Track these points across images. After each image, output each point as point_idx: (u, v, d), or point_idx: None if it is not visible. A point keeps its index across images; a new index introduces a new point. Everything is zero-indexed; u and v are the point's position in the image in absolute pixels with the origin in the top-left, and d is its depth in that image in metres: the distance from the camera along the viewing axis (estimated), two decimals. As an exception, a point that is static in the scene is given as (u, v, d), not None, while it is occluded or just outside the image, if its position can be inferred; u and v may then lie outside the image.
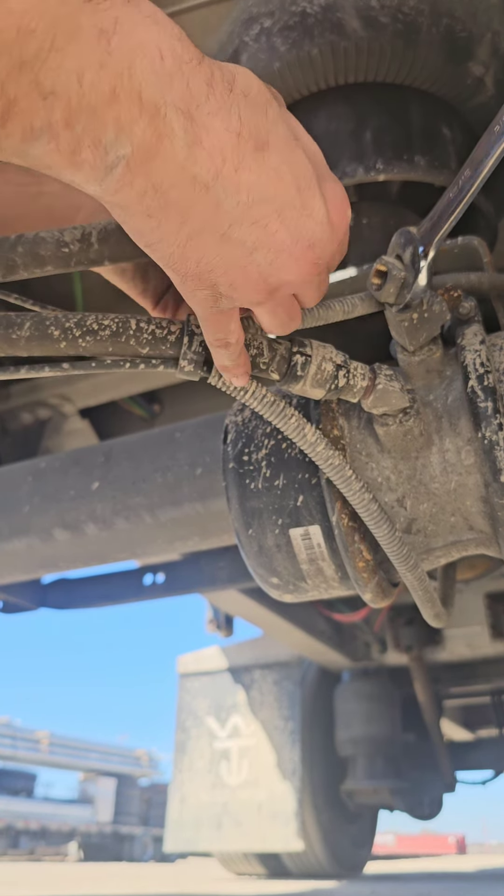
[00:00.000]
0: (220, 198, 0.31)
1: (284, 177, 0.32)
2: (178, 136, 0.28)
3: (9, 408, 1.43)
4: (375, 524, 0.50)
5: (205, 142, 0.29)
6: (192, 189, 0.30)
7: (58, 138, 0.26)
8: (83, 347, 0.39)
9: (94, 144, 0.27)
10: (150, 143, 0.28)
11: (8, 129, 0.26)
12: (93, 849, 14.28)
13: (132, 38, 0.26)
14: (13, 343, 0.39)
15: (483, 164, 0.48)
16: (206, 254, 0.32)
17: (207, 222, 0.31)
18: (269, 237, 0.33)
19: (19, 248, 0.37)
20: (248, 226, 0.32)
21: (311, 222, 0.34)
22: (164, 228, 0.31)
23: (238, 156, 0.30)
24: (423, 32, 0.69)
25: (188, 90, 0.28)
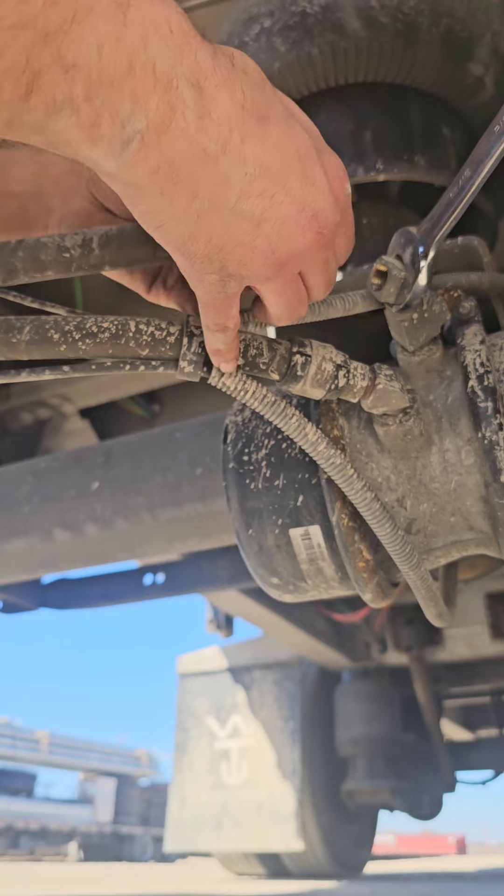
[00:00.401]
0: (228, 170, 0.31)
1: (286, 148, 0.33)
2: (190, 107, 0.29)
3: (9, 408, 1.43)
4: (378, 523, 0.50)
5: (213, 113, 0.30)
6: (203, 162, 0.30)
7: (78, 112, 0.27)
8: (83, 350, 0.39)
9: (112, 118, 0.27)
10: (163, 116, 0.28)
11: (31, 103, 0.26)
12: (93, 849, 14.29)
13: (145, 11, 0.27)
14: (13, 347, 0.39)
15: (483, 164, 0.48)
16: (216, 230, 0.33)
17: (217, 196, 0.32)
18: (275, 208, 0.33)
19: (20, 252, 0.38)
20: (255, 198, 0.33)
21: (313, 191, 0.34)
22: (176, 205, 0.31)
23: (243, 127, 0.31)
24: (423, 32, 0.69)
25: (196, 63, 0.29)
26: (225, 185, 0.32)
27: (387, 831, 19.57)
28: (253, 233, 0.34)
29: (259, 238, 0.34)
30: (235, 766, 2.57)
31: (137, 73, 0.27)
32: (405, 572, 0.53)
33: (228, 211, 0.32)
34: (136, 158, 0.29)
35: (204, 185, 0.31)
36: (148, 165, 0.30)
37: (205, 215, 0.32)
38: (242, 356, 0.42)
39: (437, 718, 2.66)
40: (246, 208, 0.33)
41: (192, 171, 0.31)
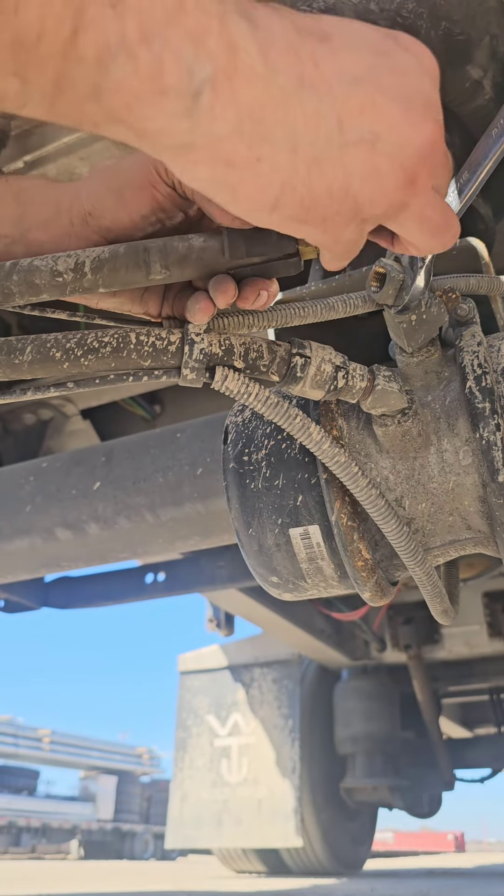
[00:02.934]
0: (315, 103, 0.27)
1: (361, 51, 0.29)
2: (249, 43, 0.25)
3: (11, 408, 1.43)
4: (383, 520, 0.50)
5: (275, 43, 0.26)
6: (285, 103, 0.26)
7: (136, 57, 0.23)
8: (86, 366, 0.39)
9: (176, 64, 0.23)
10: (226, 57, 0.25)
11: (80, 49, 0.22)
12: (94, 846, 14.32)
13: None
14: (16, 368, 0.39)
15: (481, 167, 0.49)
16: (334, 174, 0.28)
17: (317, 137, 0.27)
18: (381, 116, 0.29)
19: (14, 276, 0.37)
20: (356, 117, 0.28)
21: (411, 79, 0.30)
22: (279, 168, 0.27)
23: (310, 49, 0.27)
24: (421, 36, 0.69)
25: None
26: (319, 120, 0.27)
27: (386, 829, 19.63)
28: (372, 157, 0.29)
29: (380, 159, 0.29)
30: (236, 763, 2.58)
31: (189, 9, 0.23)
32: (411, 568, 0.53)
33: (337, 147, 0.28)
34: (213, 114, 0.25)
35: (298, 130, 0.27)
36: (228, 122, 0.25)
37: (314, 165, 0.28)
38: (243, 359, 0.43)
39: (435, 716, 2.67)
40: (353, 134, 0.28)
41: (277, 118, 0.26)
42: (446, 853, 13.59)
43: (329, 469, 0.53)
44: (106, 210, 0.39)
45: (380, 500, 0.50)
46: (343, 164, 0.29)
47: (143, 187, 0.38)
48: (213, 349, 0.41)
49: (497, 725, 3.10)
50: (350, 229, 0.31)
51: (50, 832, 15.33)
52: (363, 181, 0.30)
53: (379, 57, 0.30)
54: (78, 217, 0.40)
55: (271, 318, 0.46)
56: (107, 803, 19.72)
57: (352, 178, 0.29)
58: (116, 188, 0.39)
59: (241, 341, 0.43)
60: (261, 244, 0.37)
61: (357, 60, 0.29)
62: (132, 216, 0.39)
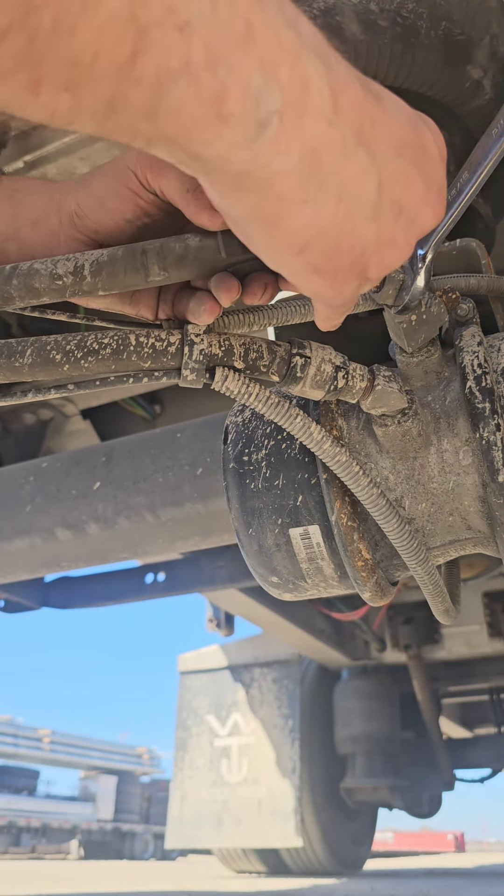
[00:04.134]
0: (365, 160, 0.27)
1: (404, 124, 0.29)
2: (323, 83, 0.25)
3: (11, 408, 1.43)
4: (384, 519, 0.50)
5: (346, 91, 0.26)
6: (343, 153, 0.26)
7: (199, 82, 0.22)
8: (86, 368, 0.39)
9: (242, 91, 0.22)
10: (298, 93, 0.24)
11: (138, 71, 0.21)
12: (94, 846, 14.32)
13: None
14: (17, 371, 0.39)
15: (481, 167, 0.49)
16: (362, 233, 0.29)
17: (360, 193, 0.28)
18: (410, 191, 0.30)
19: (14, 280, 0.38)
20: (392, 185, 0.29)
21: (432, 163, 0.31)
22: (322, 213, 0.27)
23: (369, 107, 0.27)
24: (421, 36, 0.69)
25: (314, 33, 0.25)
26: (365, 177, 0.27)
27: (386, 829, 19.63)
28: (393, 226, 0.30)
29: (400, 231, 0.30)
30: (235, 763, 2.58)
31: (259, 38, 0.22)
32: (413, 568, 0.53)
33: (372, 207, 0.28)
34: (277, 147, 0.24)
35: (347, 181, 0.27)
36: (291, 158, 0.24)
37: (348, 220, 0.28)
38: (243, 359, 0.43)
39: (435, 716, 2.67)
40: (387, 200, 0.29)
41: (334, 165, 0.26)
42: (446, 853, 13.60)
43: (329, 469, 0.53)
44: (91, 213, 0.39)
45: (381, 499, 0.50)
46: (370, 226, 0.29)
47: (124, 196, 0.38)
48: (212, 350, 0.41)
49: (497, 725, 3.10)
50: (352, 286, 0.32)
51: (50, 832, 15.34)
52: (381, 246, 0.30)
53: (414, 132, 0.30)
54: (66, 217, 0.40)
55: (272, 315, 0.46)
56: (107, 803, 19.73)
57: (370, 243, 0.30)
58: (99, 195, 0.39)
59: (240, 342, 0.43)
60: None
61: (401, 130, 0.29)
62: (116, 220, 0.39)
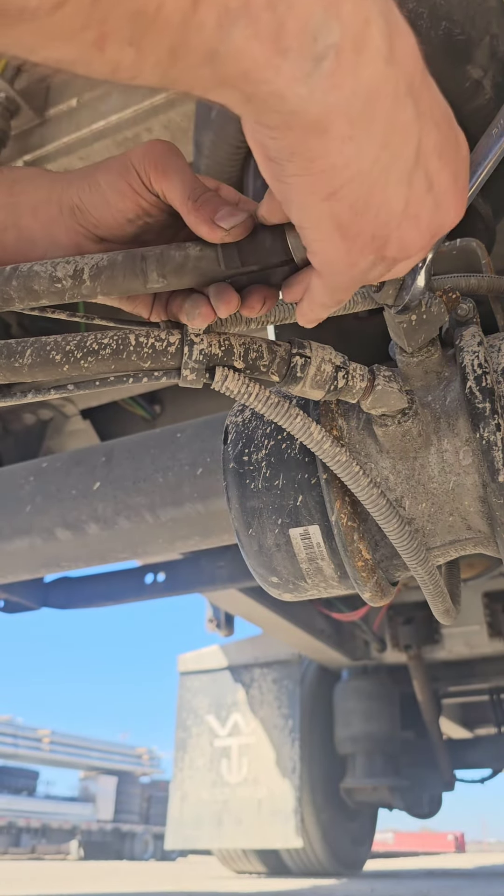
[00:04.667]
0: (412, 116, 0.26)
1: (442, 105, 0.29)
2: (382, 23, 0.24)
3: (11, 408, 1.43)
4: (385, 519, 0.50)
5: (403, 37, 0.25)
6: (395, 101, 0.25)
7: (258, 21, 0.22)
8: (86, 368, 0.39)
9: (300, 26, 0.22)
10: (358, 29, 0.24)
11: (200, 16, 0.21)
12: (93, 847, 14.32)
13: None
14: (16, 371, 0.39)
15: (481, 167, 0.49)
16: (393, 192, 0.28)
17: (402, 148, 0.27)
18: (441, 171, 0.29)
19: (14, 282, 0.38)
20: (429, 154, 0.28)
21: (462, 157, 0.30)
22: (364, 156, 0.26)
23: (421, 68, 0.26)
24: (421, 35, 0.69)
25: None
26: (410, 133, 0.26)
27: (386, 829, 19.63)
28: (422, 200, 0.29)
29: (425, 209, 0.29)
30: (235, 763, 2.58)
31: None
32: (413, 568, 0.53)
33: (409, 169, 0.27)
34: (332, 81, 0.24)
35: (394, 128, 0.26)
36: (343, 93, 0.24)
37: (386, 172, 0.27)
38: (243, 359, 0.43)
39: (435, 717, 2.67)
40: (422, 167, 0.28)
41: (384, 109, 0.25)
42: (446, 854, 13.60)
43: (329, 469, 0.53)
44: (92, 208, 0.39)
45: (381, 499, 0.50)
46: (405, 190, 0.28)
47: (126, 193, 0.38)
48: (212, 350, 0.41)
49: (497, 726, 3.10)
50: (367, 262, 0.31)
51: (50, 833, 15.33)
52: (405, 219, 0.29)
53: (447, 121, 0.30)
54: (67, 209, 0.40)
55: (271, 314, 0.46)
56: (107, 804, 19.72)
57: (396, 212, 0.29)
58: (102, 190, 0.38)
59: (240, 341, 0.43)
60: (254, 253, 0.37)
61: (442, 104, 0.29)
62: (117, 218, 0.39)
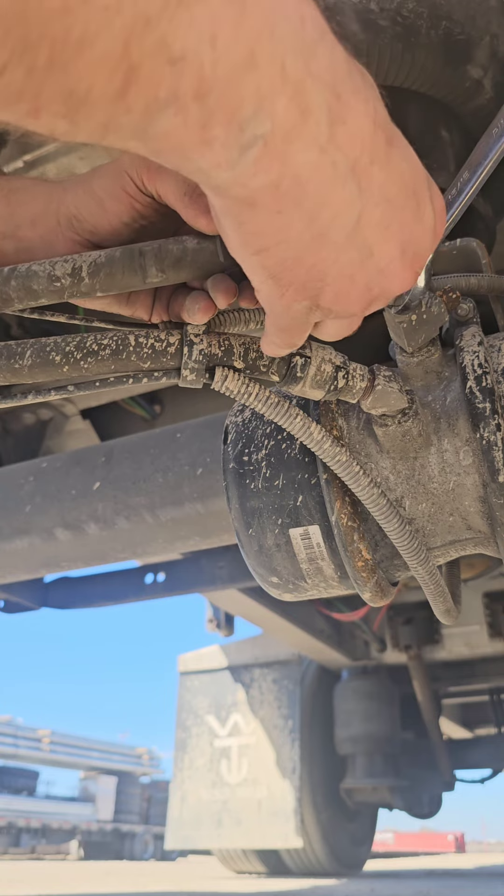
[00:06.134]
0: (352, 192, 0.27)
1: (406, 178, 0.30)
2: (323, 114, 0.25)
3: (11, 408, 1.43)
4: (385, 519, 0.50)
5: (349, 123, 0.26)
6: (331, 180, 0.26)
7: (186, 111, 0.22)
8: (86, 369, 0.39)
9: (227, 120, 0.23)
10: (292, 121, 0.24)
11: (128, 102, 0.22)
12: (93, 847, 14.32)
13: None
14: (16, 372, 0.39)
15: (481, 167, 0.49)
16: (325, 258, 0.29)
17: (336, 221, 0.28)
18: (386, 242, 0.30)
19: (12, 282, 0.38)
20: (372, 227, 0.29)
21: (421, 229, 0.31)
22: (293, 228, 0.27)
23: (373, 146, 0.27)
24: (421, 35, 0.69)
25: (333, 62, 0.25)
26: (347, 209, 0.28)
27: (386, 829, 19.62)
28: (358, 266, 0.30)
29: (361, 272, 0.31)
30: (235, 764, 2.58)
31: (262, 68, 0.23)
32: (414, 568, 0.53)
33: (344, 238, 0.29)
34: (257, 168, 0.25)
35: (327, 207, 0.27)
36: (269, 177, 0.25)
37: (317, 241, 0.28)
38: (243, 359, 0.43)
39: (435, 717, 2.67)
40: (360, 239, 0.29)
41: (317, 189, 0.26)
42: (446, 854, 13.59)
43: (329, 469, 0.53)
44: (88, 215, 0.39)
45: (381, 499, 0.50)
46: (336, 255, 0.30)
47: (121, 198, 0.38)
48: (212, 350, 0.41)
49: (497, 726, 3.10)
50: (302, 307, 0.32)
51: (50, 833, 15.33)
52: (337, 279, 0.31)
53: (414, 193, 0.31)
54: (64, 218, 0.40)
55: None
56: (106, 804, 19.72)
57: (330, 271, 0.30)
58: (98, 197, 0.39)
59: (240, 341, 0.43)
60: None
61: (399, 181, 0.30)
62: (112, 223, 0.39)
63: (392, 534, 0.51)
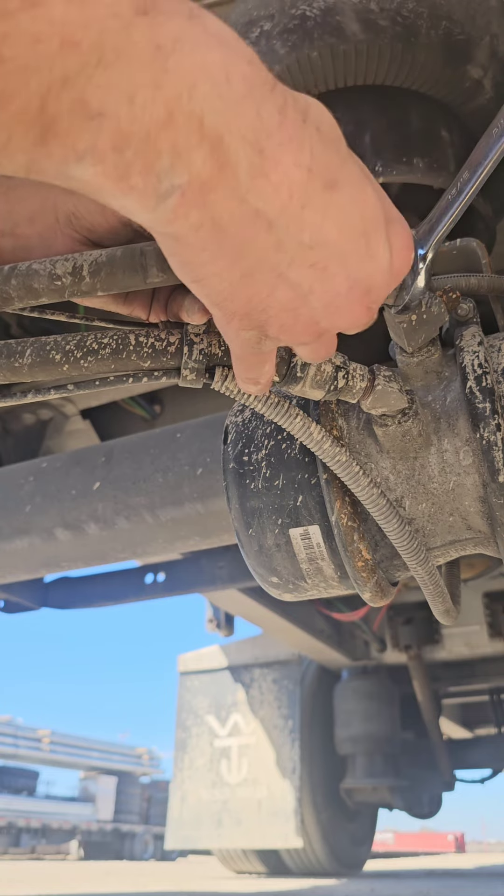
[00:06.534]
0: (281, 236, 0.28)
1: (352, 219, 0.30)
2: (243, 167, 0.26)
3: (10, 408, 1.43)
4: (385, 519, 0.50)
5: (272, 176, 0.27)
6: (253, 225, 0.28)
7: (104, 161, 0.24)
8: (86, 368, 0.39)
9: (145, 171, 0.24)
10: (209, 174, 0.25)
11: (49, 149, 0.23)
12: (93, 847, 14.33)
13: (194, 57, 0.24)
14: (16, 371, 0.39)
15: (481, 166, 0.49)
16: (259, 293, 0.30)
17: (265, 260, 0.29)
18: (326, 281, 0.31)
19: (13, 280, 0.38)
20: (306, 268, 0.30)
21: (371, 267, 0.32)
22: (219, 264, 0.29)
23: (306, 193, 0.28)
24: (421, 35, 0.69)
25: (258, 118, 0.26)
26: (276, 251, 0.29)
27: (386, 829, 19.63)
28: (298, 302, 0.31)
29: (304, 307, 0.32)
30: (235, 764, 2.58)
31: (179, 126, 0.24)
32: (413, 568, 0.53)
33: (275, 277, 0.30)
34: (175, 214, 0.26)
35: (252, 247, 0.28)
36: (189, 222, 0.27)
37: (249, 277, 0.30)
38: None
39: (435, 717, 2.67)
40: (295, 277, 0.30)
41: (240, 232, 0.28)
42: (446, 854, 13.60)
43: (329, 469, 0.53)
44: (87, 213, 0.40)
45: (381, 499, 0.50)
46: (271, 291, 0.30)
47: None
48: (212, 349, 0.41)
49: (497, 726, 3.10)
50: (251, 335, 0.33)
51: (50, 833, 15.33)
52: (279, 313, 0.32)
53: (362, 233, 0.31)
54: (63, 215, 0.40)
55: None
56: (106, 804, 19.71)
57: (270, 305, 0.31)
58: None
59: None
60: None
61: (341, 223, 0.30)
62: (111, 221, 0.40)
63: (392, 534, 0.51)
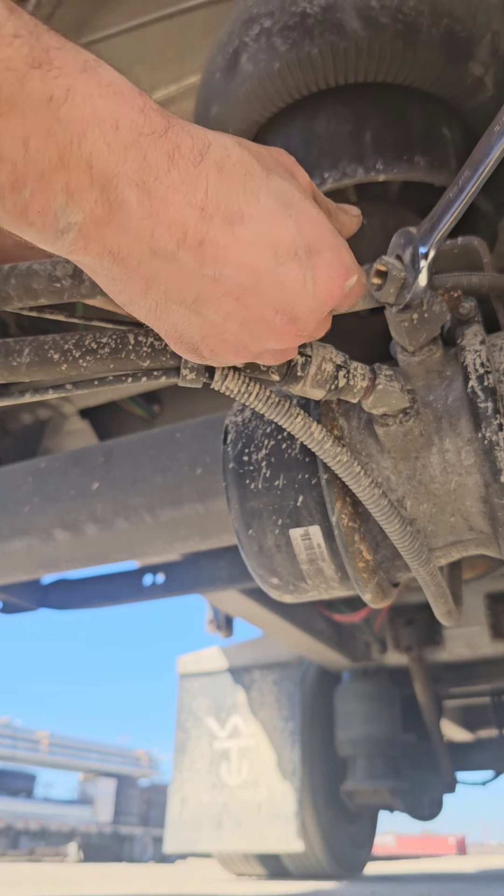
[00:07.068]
0: (185, 270, 0.30)
1: (260, 250, 0.31)
2: (133, 208, 0.28)
3: (9, 408, 1.43)
4: (386, 519, 0.50)
5: (162, 215, 0.29)
6: (153, 259, 0.29)
7: (4, 200, 0.27)
8: (84, 367, 0.39)
9: (43, 209, 0.27)
10: (101, 212, 0.28)
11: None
12: (92, 849, 14.29)
13: (85, 107, 0.26)
14: (14, 370, 0.39)
15: (483, 165, 0.48)
16: (179, 321, 0.32)
17: (173, 292, 0.31)
18: (243, 309, 0.32)
19: (12, 280, 0.38)
20: (217, 298, 0.31)
21: (292, 295, 0.33)
22: (130, 293, 0.31)
23: (201, 230, 0.29)
24: (423, 33, 0.69)
25: (145, 163, 0.28)
26: (183, 283, 0.30)
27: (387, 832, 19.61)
28: (220, 328, 0.33)
29: (227, 333, 0.33)
30: (235, 766, 2.57)
31: (70, 169, 0.26)
32: (415, 569, 0.53)
33: (186, 308, 0.31)
34: (75, 247, 0.29)
35: (157, 280, 0.30)
36: (90, 254, 0.29)
37: (163, 306, 0.31)
38: None
39: (436, 719, 2.66)
40: (208, 308, 0.31)
41: (141, 265, 0.29)
42: (448, 856, 13.57)
43: (330, 469, 0.52)
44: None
45: (382, 499, 0.49)
46: (189, 320, 0.32)
47: None
48: (212, 348, 0.41)
49: (499, 728, 3.09)
50: (187, 353, 0.35)
51: (48, 835, 15.30)
52: (204, 338, 0.33)
53: (273, 263, 0.32)
54: None
55: None
56: (106, 806, 19.68)
57: (194, 332, 0.32)
58: None
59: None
60: None
61: (247, 255, 0.31)
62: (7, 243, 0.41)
63: (393, 535, 0.50)
